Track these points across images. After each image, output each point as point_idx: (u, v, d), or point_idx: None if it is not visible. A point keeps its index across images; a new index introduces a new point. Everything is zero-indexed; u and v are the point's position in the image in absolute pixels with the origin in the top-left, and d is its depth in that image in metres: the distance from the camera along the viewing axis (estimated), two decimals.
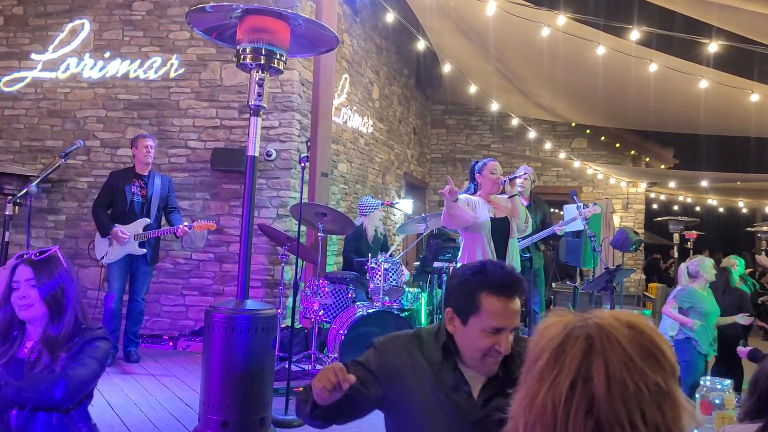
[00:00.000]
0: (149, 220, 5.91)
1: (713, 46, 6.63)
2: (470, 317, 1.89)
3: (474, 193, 5.15)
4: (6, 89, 7.48)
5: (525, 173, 6.35)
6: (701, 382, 2.88)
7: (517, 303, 1.89)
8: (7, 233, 4.63)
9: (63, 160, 5.01)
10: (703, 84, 7.73)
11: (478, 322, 1.87)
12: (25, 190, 4.64)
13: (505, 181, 5.04)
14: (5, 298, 2.38)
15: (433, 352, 1.98)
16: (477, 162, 5.23)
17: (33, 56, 7.46)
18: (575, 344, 1.02)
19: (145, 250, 5.87)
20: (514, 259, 5.07)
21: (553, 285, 9.13)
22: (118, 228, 5.78)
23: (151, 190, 5.97)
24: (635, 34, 6.82)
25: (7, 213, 4.62)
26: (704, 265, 5.65)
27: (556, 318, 1.09)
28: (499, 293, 1.87)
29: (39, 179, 4.77)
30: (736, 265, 6.72)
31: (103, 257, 5.84)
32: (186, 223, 5.94)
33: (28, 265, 2.37)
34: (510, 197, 5.03)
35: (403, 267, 6.07)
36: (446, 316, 1.98)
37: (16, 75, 7.48)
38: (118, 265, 5.85)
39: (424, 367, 1.97)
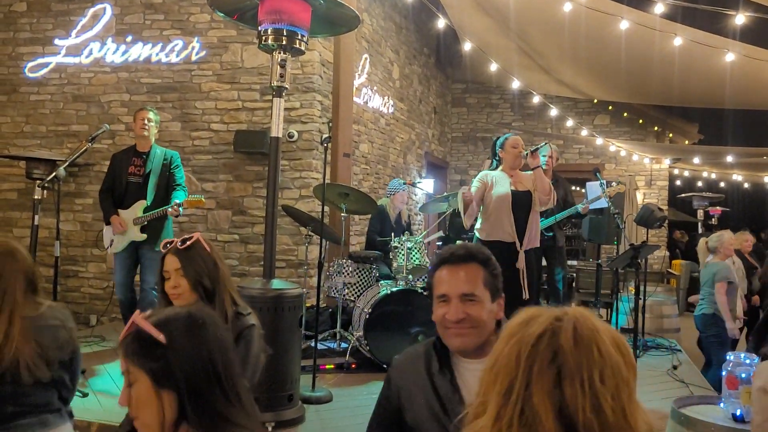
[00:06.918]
0: (146, 201, 5.31)
1: (740, 18, 6.49)
2: (433, 297, 1.92)
3: (496, 169, 5.14)
4: (31, 75, 7.57)
5: (548, 150, 6.28)
6: (727, 357, 2.87)
7: (467, 270, 1.86)
8: (36, 217, 4.74)
9: (89, 144, 5.08)
10: (729, 57, 7.58)
11: (434, 297, 1.90)
12: (53, 175, 4.73)
13: (527, 154, 5.01)
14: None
15: (431, 361, 1.93)
16: (499, 138, 5.21)
17: (56, 42, 7.53)
18: (548, 315, 1.07)
19: (145, 236, 5.28)
20: (534, 233, 5.02)
21: (576, 263, 9.10)
22: (117, 218, 5.31)
23: (149, 167, 5.35)
24: (659, 7, 6.70)
25: (36, 197, 4.71)
26: (723, 238, 5.64)
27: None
28: (442, 264, 1.90)
29: (66, 163, 4.86)
30: None
31: (109, 246, 5.46)
32: (177, 201, 5.15)
33: (174, 254, 2.42)
34: (533, 169, 5.00)
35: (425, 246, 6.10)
36: None
37: (40, 61, 7.56)
38: (122, 256, 5.37)
39: (424, 379, 1.90)
